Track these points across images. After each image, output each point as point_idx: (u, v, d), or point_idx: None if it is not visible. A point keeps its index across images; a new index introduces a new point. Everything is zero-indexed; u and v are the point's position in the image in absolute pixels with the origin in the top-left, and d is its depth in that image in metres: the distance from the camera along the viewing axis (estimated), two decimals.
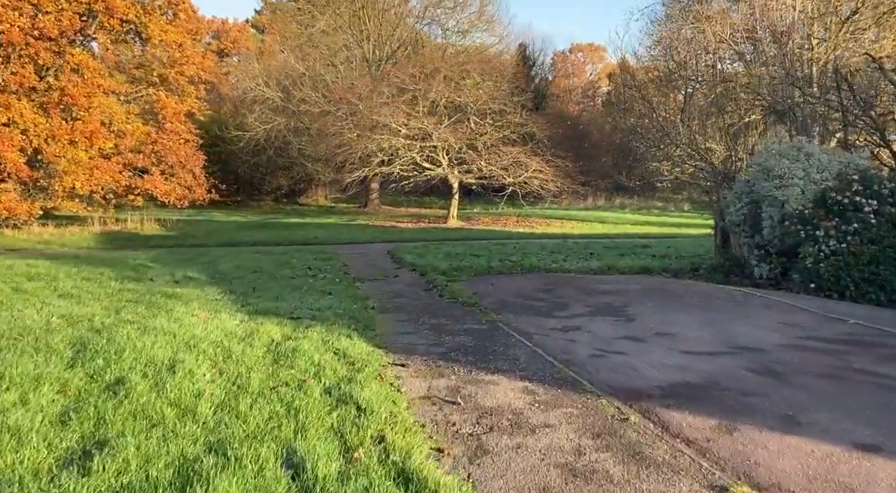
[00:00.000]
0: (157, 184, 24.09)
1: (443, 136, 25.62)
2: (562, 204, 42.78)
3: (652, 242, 18.32)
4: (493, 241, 18.41)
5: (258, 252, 14.94)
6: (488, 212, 37.16)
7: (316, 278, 11.22)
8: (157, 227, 25.22)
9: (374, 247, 17.72)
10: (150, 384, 4.67)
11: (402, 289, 10.96)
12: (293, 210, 40.97)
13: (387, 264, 13.99)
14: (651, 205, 44.10)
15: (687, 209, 41.85)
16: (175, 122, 25.34)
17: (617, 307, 9.30)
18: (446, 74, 27.67)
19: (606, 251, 15.19)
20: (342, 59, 38.30)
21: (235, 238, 20.54)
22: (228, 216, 34.14)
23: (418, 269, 13.01)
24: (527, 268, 12.71)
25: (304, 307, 8.41)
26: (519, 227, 26.13)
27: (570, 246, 16.22)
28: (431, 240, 19.67)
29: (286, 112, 38.38)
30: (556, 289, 10.72)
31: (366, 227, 25.77)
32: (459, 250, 15.24)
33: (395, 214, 35.27)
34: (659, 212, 39.79)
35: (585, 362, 6.58)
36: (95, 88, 22.18)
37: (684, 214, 37.57)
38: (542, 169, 25.59)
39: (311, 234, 22.34)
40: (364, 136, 26.54)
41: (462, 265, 12.89)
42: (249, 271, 11.52)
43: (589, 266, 12.95)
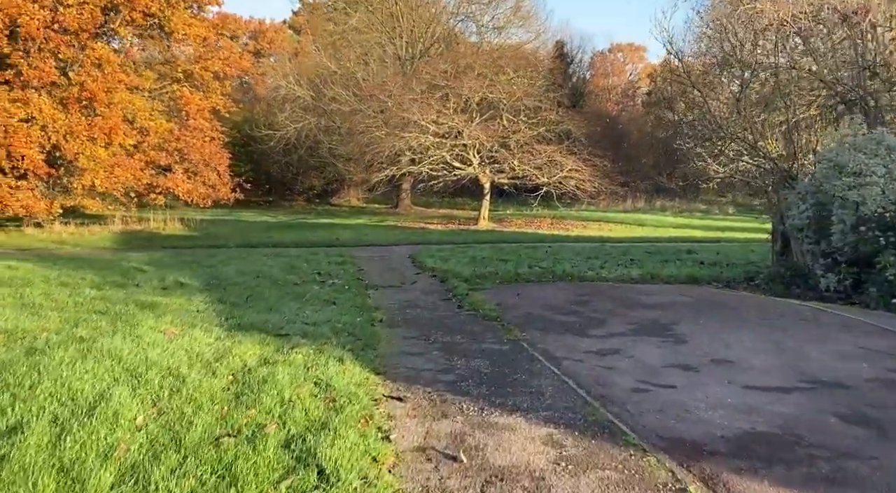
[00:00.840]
0: (179, 182, 23.38)
1: (474, 133, 24.41)
2: (599, 206, 41.22)
3: (697, 247, 16.83)
4: (524, 244, 17.15)
5: (272, 254, 13.95)
6: (522, 213, 35.83)
7: (324, 284, 10.13)
8: (179, 227, 24.55)
9: (397, 250, 16.61)
10: (51, 436, 3.58)
11: (418, 298, 9.79)
12: (324, 211, 40.24)
13: (406, 269, 12.84)
14: (693, 208, 42.19)
15: (732, 212, 39.90)
16: (199, 118, 24.63)
17: (663, 325, 7.97)
18: (479, 71, 26.45)
19: (648, 257, 13.81)
20: (374, 57, 37.40)
21: (256, 239, 19.65)
22: (258, 216, 33.47)
23: (439, 275, 11.84)
24: (559, 275, 11.43)
25: (297, 321, 7.30)
26: (553, 229, 24.78)
27: (608, 251, 14.87)
28: (458, 243, 18.48)
29: (317, 111, 37.67)
30: (592, 301, 9.43)
31: (393, 228, 24.70)
32: (486, 255, 14.03)
33: (425, 215, 34.18)
34: (702, 215, 37.93)
35: (626, 399, 5.31)
36: (116, 84, 21.54)
37: (729, 218, 35.69)
38: (578, 169, 24.19)
39: (335, 235, 21.34)
40: (392, 134, 25.48)
41: (487, 272, 11.68)
42: (252, 276, 10.49)
43: (629, 274, 11.61)
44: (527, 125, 25.33)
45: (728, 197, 48.56)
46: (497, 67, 26.86)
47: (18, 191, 20.05)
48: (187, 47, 26.23)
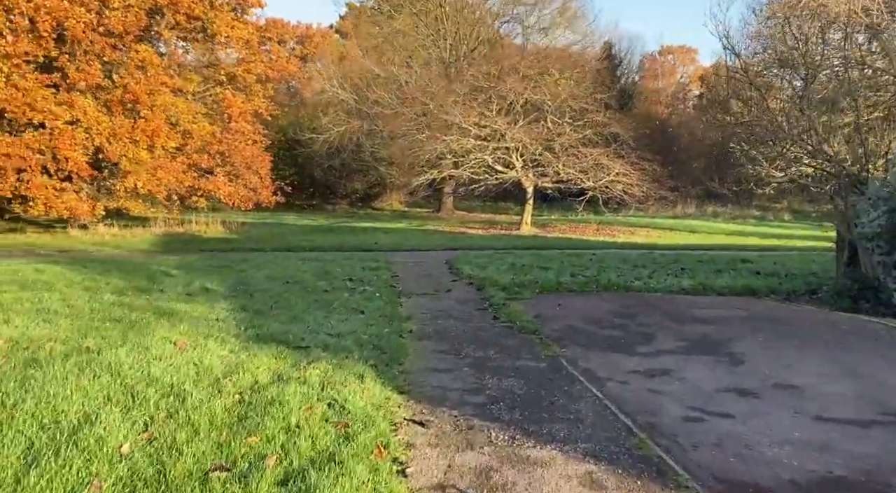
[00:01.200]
0: (221, 185, 23.39)
1: (517, 136, 23.81)
2: (647, 211, 40.14)
3: (752, 255, 15.89)
4: (567, 251, 16.47)
5: (307, 259, 13.62)
6: (566, 219, 35.04)
7: (354, 291, 9.70)
8: (221, 229, 24.58)
9: (435, 255, 16.13)
10: (18, 468, 3.17)
11: (452, 307, 9.27)
12: (366, 214, 40.17)
13: (442, 276, 12.34)
14: (747, 214, 40.70)
15: (788, 219, 38.35)
16: (241, 121, 24.64)
17: (717, 342, 7.28)
18: (524, 72, 25.85)
19: (699, 266, 13.00)
20: (418, 61, 37.17)
21: (294, 243, 19.43)
22: (299, 220, 33.49)
23: (475, 283, 11.30)
24: (603, 285, 10.77)
25: (321, 331, 6.86)
26: (599, 235, 23.99)
27: (657, 259, 14.11)
28: (498, 249, 17.90)
29: (360, 114, 37.60)
30: (639, 314, 8.77)
31: (433, 233, 24.26)
32: (526, 262, 13.43)
33: (467, 219, 33.71)
34: (756, 221, 36.51)
35: (677, 430, 4.70)
36: (159, 86, 21.64)
37: (785, 224, 34.23)
38: (625, 172, 23.35)
39: (374, 239, 21.00)
40: (434, 137, 25.07)
41: (526, 280, 11.09)
42: (282, 281, 10.13)
43: (679, 284, 10.87)
44: (572, 127, 24.61)
45: (783, 203, 46.86)
46: (542, 68, 26.20)
47: (63, 193, 20.27)
48: (231, 50, 26.35)
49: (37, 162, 19.39)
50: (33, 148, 19.24)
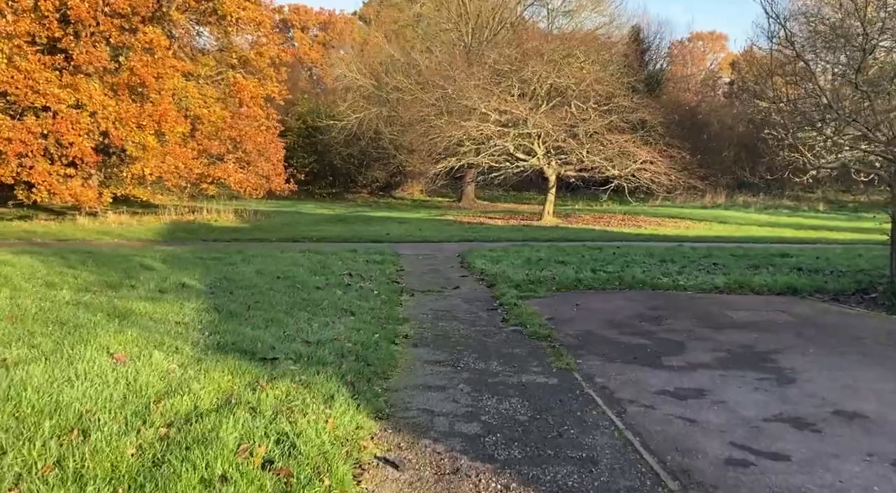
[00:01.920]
0: (231, 172, 22.64)
1: (539, 122, 22.65)
2: (676, 201, 38.78)
3: (791, 248, 14.66)
4: (589, 243, 15.39)
5: (309, 251, 12.72)
6: (591, 209, 33.84)
7: (349, 289, 8.77)
8: (232, 218, 23.86)
9: (448, 247, 15.16)
10: None
11: (457, 307, 8.31)
12: (385, 204, 39.38)
13: (451, 271, 11.37)
14: (779, 204, 39.08)
15: (823, 209, 36.65)
16: (253, 106, 23.84)
17: (760, 355, 6.22)
18: (548, 56, 24.65)
19: (734, 261, 11.86)
20: (439, 44, 36.10)
21: (302, 233, 18.60)
22: (316, 209, 32.76)
23: (487, 278, 10.32)
24: (627, 282, 9.71)
25: (298, 338, 5.94)
26: (624, 226, 22.80)
27: (686, 252, 12.97)
28: (516, 241, 16.87)
29: (378, 100, 36.73)
30: (668, 317, 7.72)
31: (450, 223, 23.28)
32: (543, 255, 12.39)
33: (488, 209, 32.69)
34: (790, 212, 34.90)
35: (719, 480, 3.69)
36: (168, 69, 20.88)
37: (821, 215, 32.59)
38: (653, 160, 22.09)
39: (386, 230, 20.09)
40: (452, 122, 24.03)
41: (542, 276, 10.07)
42: (272, 276, 9.24)
43: (712, 282, 9.77)
44: (597, 113, 23.38)
45: (817, 193, 45.12)
46: (567, 51, 24.97)
47: (69, 179, 19.66)
48: (244, 34, 25.53)
49: (39, 147, 18.76)
50: (35, 133, 18.62)
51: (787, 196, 43.55)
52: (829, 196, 42.97)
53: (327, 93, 46.70)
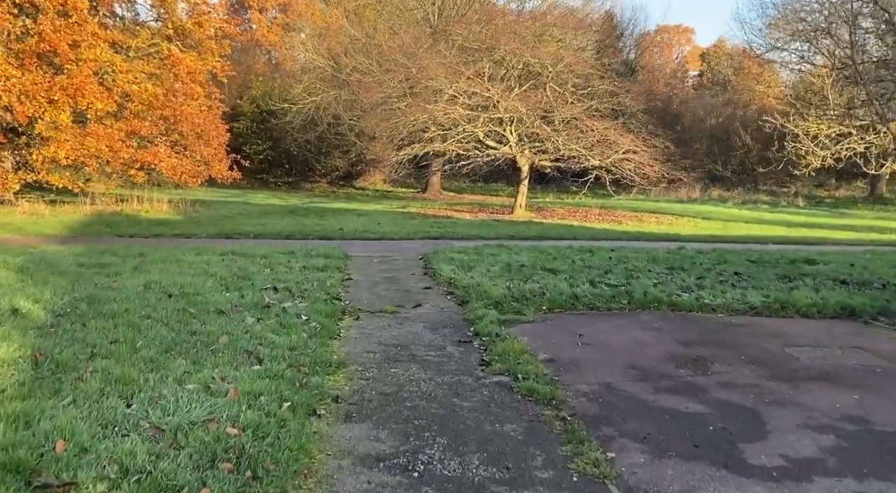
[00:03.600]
0: (163, 156, 19.85)
1: (512, 106, 20.38)
2: (650, 195, 37.10)
3: (808, 252, 12.64)
4: (575, 243, 13.21)
5: (234, 253, 10.19)
6: (563, 202, 31.85)
7: (268, 312, 6.37)
8: (166, 209, 21.09)
9: (409, 247, 12.81)
10: None
11: (418, 338, 6.01)
12: (345, 194, 36.89)
13: (412, 280, 9.04)
14: (757, 199, 37.70)
15: (803, 205, 35.22)
16: (191, 82, 21.06)
17: (888, 436, 4.03)
18: (521, 33, 22.37)
19: (755, 270, 9.76)
20: (403, 23, 33.56)
21: (240, 228, 16.04)
22: (269, 199, 30.09)
23: (457, 292, 8.02)
24: (638, 300, 7.48)
25: (142, 424, 3.54)
26: (604, 222, 20.74)
27: (694, 257, 10.84)
28: (489, 238, 14.61)
29: (337, 83, 34.10)
30: (712, 358, 5.52)
31: (413, 217, 20.91)
32: (526, 259, 10.12)
33: (454, 201, 30.40)
34: (769, 207, 33.37)
35: None
36: (87, 37, 18.02)
37: (802, 211, 31.03)
38: (636, 150, 20.02)
39: (341, 224, 17.64)
40: (416, 105, 21.64)
41: (528, 290, 7.80)
42: (162, 295, 6.76)
43: (744, 300, 7.61)
44: (576, 97, 21.20)
45: (791, 188, 43.99)
46: (541, 30, 22.71)
47: None
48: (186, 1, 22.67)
49: None
50: None
51: (761, 191, 42.28)
52: (804, 191, 41.77)
53: (286, 77, 43.87)
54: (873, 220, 26.15)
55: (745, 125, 47.92)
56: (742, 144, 46.38)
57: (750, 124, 48.26)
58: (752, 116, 50.76)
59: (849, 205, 36.13)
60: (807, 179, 43.27)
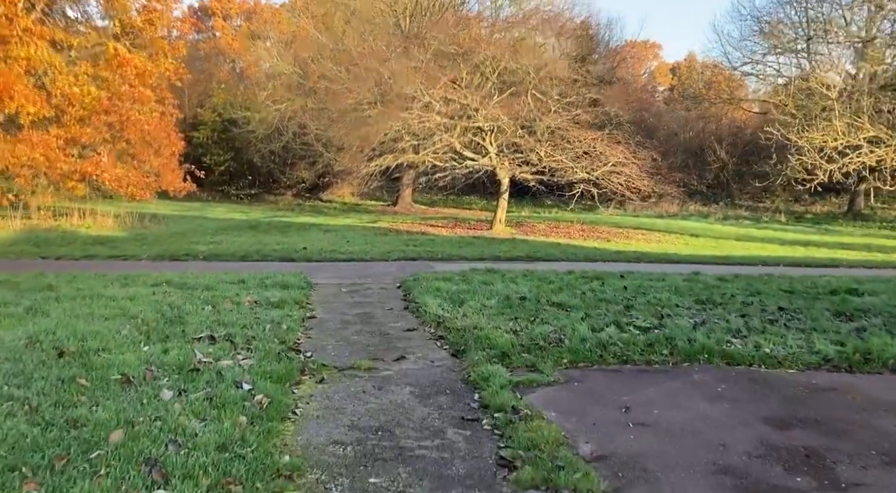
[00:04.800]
0: (106, 167, 17.83)
1: (492, 113, 18.83)
2: (628, 210, 35.92)
3: (838, 277, 11.13)
4: (575, 266, 11.63)
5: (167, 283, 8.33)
6: (539, 216, 30.44)
7: (198, 377, 4.60)
8: (111, 224, 19.03)
9: (384, 270, 11.08)
10: None
11: (405, 417, 4.31)
12: (311, 207, 35.03)
13: (390, 318, 7.33)
14: (738, 214, 36.71)
15: (785, 221, 34.34)
16: (140, 86, 19.09)
17: None
18: (500, 37, 20.88)
19: (800, 304, 8.10)
20: (374, 29, 31.93)
21: (191, 247, 14.15)
22: (227, 213, 28.05)
23: (450, 336, 6.34)
24: (683, 350, 5.85)
25: None
26: (591, 239, 19.25)
27: (716, 286, 9.28)
28: (473, 259, 12.97)
29: (303, 90, 32.33)
30: (825, 449, 3.91)
31: (386, 232, 19.17)
32: (525, 290, 8.46)
33: (428, 215, 28.69)
34: (752, 223, 32.34)
35: None
36: (18, 32, 16.04)
37: (788, 228, 29.90)
38: (625, 162, 18.59)
39: (305, 241, 15.83)
40: (388, 113, 19.97)
41: (541, 335, 6.14)
42: (53, 349, 4.95)
43: (812, 348, 6.02)
44: (559, 105, 19.73)
45: (766, 202, 43.33)
46: (521, 34, 21.24)
47: None
48: None
49: None
50: None
51: (738, 206, 41.47)
52: (782, 206, 41.04)
53: (251, 85, 41.95)
54: (862, 238, 25.08)
55: (720, 139, 47.29)
56: (717, 158, 45.68)
57: (725, 138, 47.67)
58: (726, 129, 50.25)
59: (830, 221, 35.35)
60: (784, 195, 42.72)
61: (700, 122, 51.26)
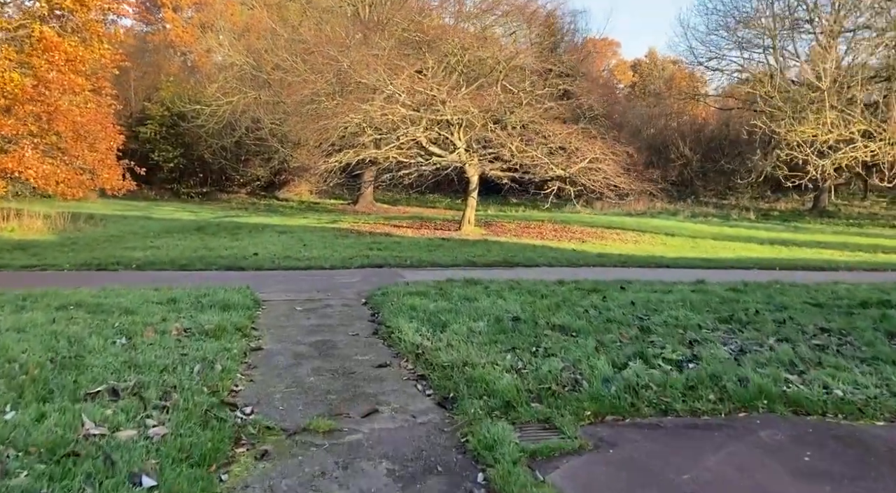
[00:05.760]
0: (30, 162, 15.92)
1: (460, 106, 17.46)
2: (595, 208, 35.04)
3: (843, 281, 10.23)
4: (561, 274, 10.36)
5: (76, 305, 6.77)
6: (507, 215, 29.21)
7: (78, 464, 3.13)
8: (40, 226, 17.11)
9: (347, 281, 9.62)
10: None
11: None
12: (267, 206, 33.29)
13: (356, 347, 5.91)
14: (705, 212, 36.14)
15: (754, 218, 33.81)
16: (71, 73, 17.17)
17: None
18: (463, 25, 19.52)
19: (844, 322, 7.00)
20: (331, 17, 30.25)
21: (125, 253, 12.45)
22: (174, 213, 26.16)
23: (434, 376, 4.96)
24: (735, 395, 4.56)
25: None
26: (563, 240, 18.06)
27: (734, 299, 8.08)
28: (446, 265, 11.61)
29: (257, 82, 30.48)
30: None
31: (347, 234, 17.67)
32: (517, 308, 7.11)
33: (391, 215, 27.23)
34: (721, 221, 31.70)
35: None
36: None
37: (759, 225, 29.23)
38: (604, 157, 17.42)
39: (257, 246, 14.25)
40: (348, 104, 18.45)
41: (550, 374, 4.80)
42: None
43: (888, 386, 4.84)
44: (531, 97, 18.45)
45: (732, 200, 43.09)
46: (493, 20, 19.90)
47: None
48: None
49: None
50: None
51: (703, 203, 41.04)
52: (747, 204, 40.71)
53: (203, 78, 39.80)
54: (834, 236, 24.40)
55: (683, 136, 46.82)
56: (680, 154, 45.18)
57: (688, 135, 47.22)
58: (687, 126, 49.87)
59: (796, 218, 34.97)
60: (748, 191, 42.47)
61: (662, 118, 50.88)
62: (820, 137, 14.11)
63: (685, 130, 49.70)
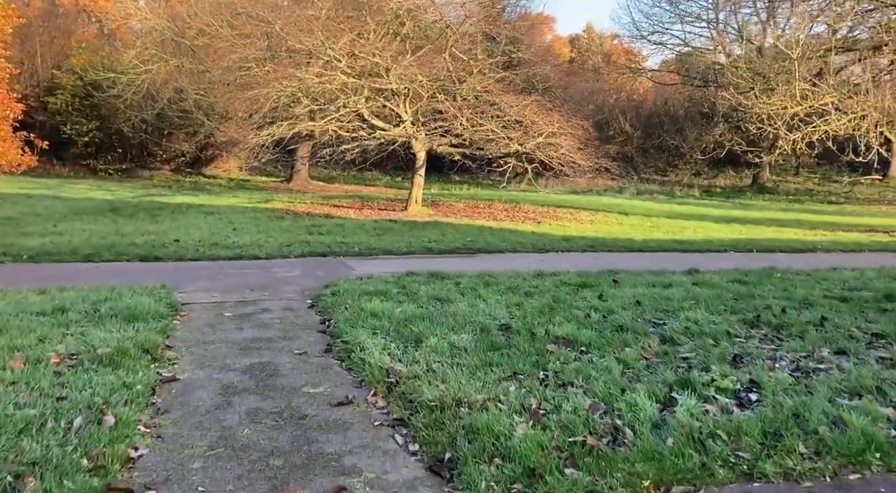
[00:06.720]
0: None
1: (407, 73, 15.91)
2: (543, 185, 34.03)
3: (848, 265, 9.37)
4: (532, 262, 9.14)
5: None
6: (451, 193, 27.89)
7: None
8: None
9: (287, 274, 8.09)
10: None
11: None
12: (192, 184, 30.97)
13: (306, 370, 4.47)
14: (650, 189, 35.76)
15: (699, 195, 33.59)
16: None
17: None
18: None
19: (884, 321, 6.02)
20: None
21: (17, 242, 10.50)
22: (89, 191, 23.68)
23: (418, 423, 3.58)
24: (836, 446, 3.39)
25: None
26: (517, 221, 16.89)
27: (744, 294, 6.91)
28: (400, 253, 10.20)
29: (179, 49, 27.99)
30: None
31: (282, 215, 15.99)
32: (503, 310, 5.80)
33: (328, 193, 25.50)
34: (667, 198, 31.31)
35: None
36: None
37: (706, 203, 28.90)
38: (562, 133, 16.23)
39: (178, 230, 12.47)
40: (281, 72, 16.65)
41: (576, 417, 3.50)
42: None
43: None
44: (484, 65, 17.04)
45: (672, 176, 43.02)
46: None
47: None
48: None
49: None
50: None
51: (645, 180, 40.77)
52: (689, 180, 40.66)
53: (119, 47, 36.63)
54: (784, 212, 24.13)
55: (623, 112, 46.39)
56: (621, 131, 44.74)
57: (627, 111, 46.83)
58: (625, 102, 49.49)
59: (738, 195, 34.98)
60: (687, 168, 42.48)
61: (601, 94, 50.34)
62: (789, 109, 13.35)
63: (624, 107, 49.28)
